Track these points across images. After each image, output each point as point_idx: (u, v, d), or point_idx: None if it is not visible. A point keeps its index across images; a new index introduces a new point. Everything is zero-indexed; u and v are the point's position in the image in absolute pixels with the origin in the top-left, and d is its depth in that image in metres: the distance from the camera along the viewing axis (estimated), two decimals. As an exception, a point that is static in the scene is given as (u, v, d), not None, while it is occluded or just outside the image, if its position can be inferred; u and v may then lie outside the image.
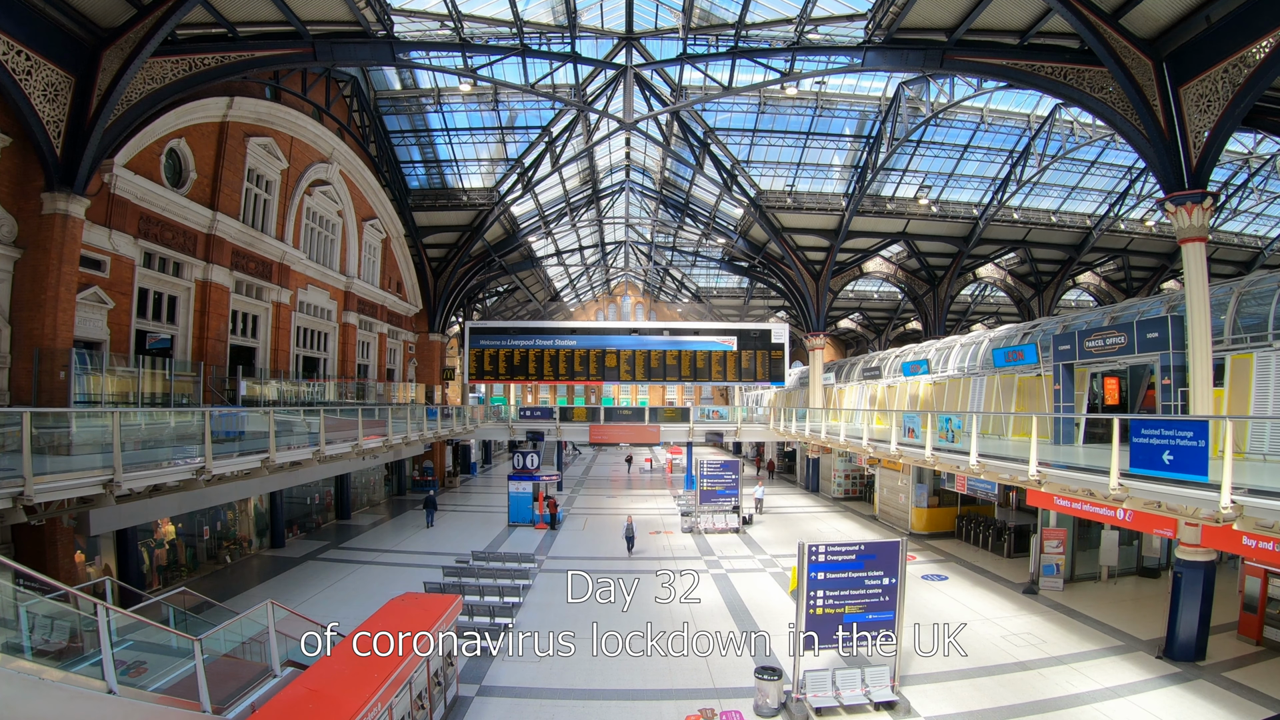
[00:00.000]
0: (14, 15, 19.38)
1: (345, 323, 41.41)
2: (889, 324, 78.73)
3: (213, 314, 28.59)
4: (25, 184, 21.09)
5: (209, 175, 28.96)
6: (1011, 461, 20.40)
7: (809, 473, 55.23)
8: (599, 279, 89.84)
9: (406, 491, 51.37)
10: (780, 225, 48.92)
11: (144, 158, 25.03)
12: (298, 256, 35.05)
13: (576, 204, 58.88)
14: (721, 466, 39.76)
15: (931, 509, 36.99)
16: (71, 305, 21.37)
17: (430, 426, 39.72)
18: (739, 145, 45.07)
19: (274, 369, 33.01)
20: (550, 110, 42.66)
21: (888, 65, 30.14)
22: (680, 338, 53.61)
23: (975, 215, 48.75)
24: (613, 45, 34.04)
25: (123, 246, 24.24)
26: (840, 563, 17.95)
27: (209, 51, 24.40)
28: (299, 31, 26.11)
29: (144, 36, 21.69)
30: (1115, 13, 22.38)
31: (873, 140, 42.19)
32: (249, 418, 23.80)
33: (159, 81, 23.07)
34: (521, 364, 52.19)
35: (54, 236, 20.79)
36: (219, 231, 28.89)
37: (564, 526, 39.45)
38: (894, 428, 28.65)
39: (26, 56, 19.91)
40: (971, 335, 40.70)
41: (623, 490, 57.14)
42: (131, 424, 19.36)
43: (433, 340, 54.41)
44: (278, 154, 33.43)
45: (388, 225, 46.94)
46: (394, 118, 43.18)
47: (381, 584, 26.72)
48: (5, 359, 20.61)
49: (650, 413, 54.48)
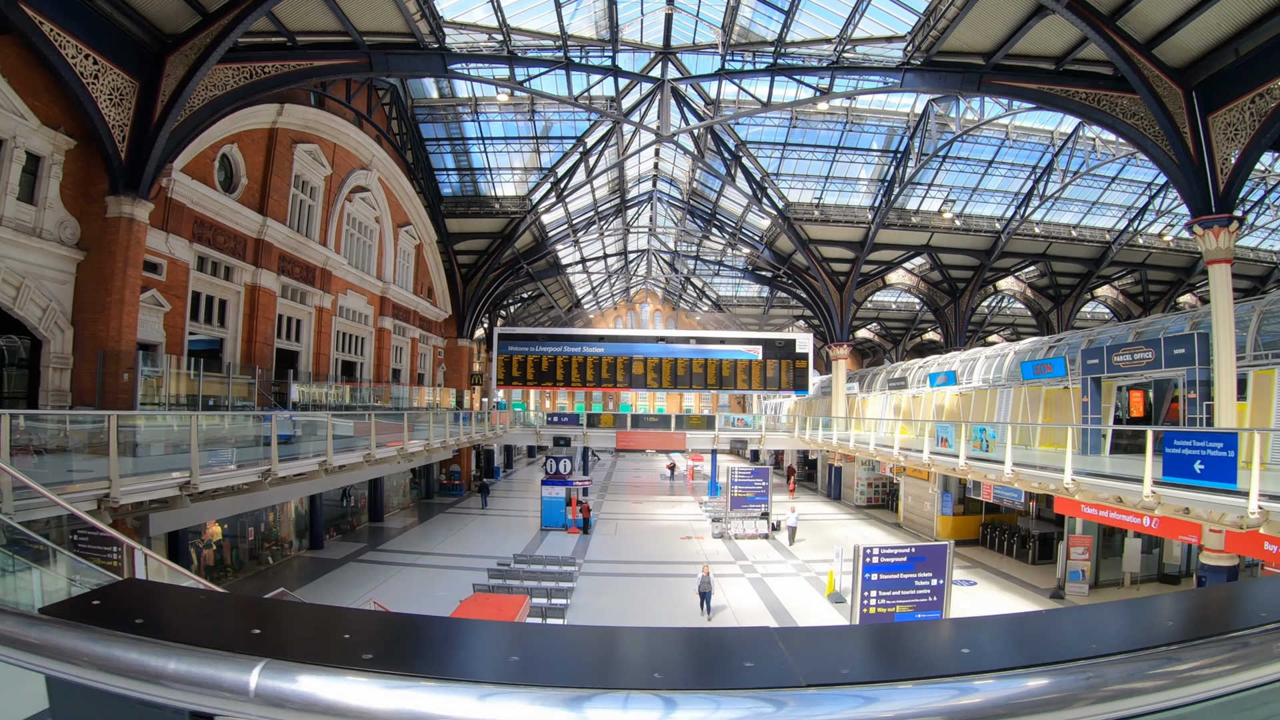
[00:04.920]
0: (82, 20, 19.81)
1: (381, 327, 41.86)
2: (906, 334, 78.72)
3: (261, 318, 29.04)
4: (89, 187, 21.49)
5: (258, 181, 29.45)
6: (1046, 471, 20.81)
7: (831, 480, 55.25)
8: (619, 286, 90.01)
9: (434, 495, 51.56)
10: (807, 237, 49.13)
11: (199, 163, 25.49)
12: (339, 262, 35.53)
13: (605, 213, 59.15)
14: (752, 474, 40.06)
15: (957, 517, 37.13)
16: (135, 308, 21.75)
17: (465, 431, 40.02)
18: (769, 158, 45.36)
19: (315, 372, 33.45)
20: (585, 121, 43.02)
21: (926, 87, 30.56)
22: (706, 346, 53.93)
23: (998, 229, 48.93)
24: (650, 59, 34.43)
25: (178, 250, 24.68)
26: (892, 564, 18.51)
27: (269, 60, 24.83)
28: (356, 42, 26.53)
29: (209, 44, 22.10)
30: (1148, 43, 22.90)
31: (900, 155, 42.42)
32: (297, 420, 24.18)
33: (221, 88, 23.47)
34: (550, 370, 52.50)
35: (119, 240, 21.16)
36: (268, 236, 29.36)
37: (595, 531, 39.66)
38: (926, 437, 28.97)
39: (94, 61, 20.34)
40: (996, 347, 40.90)
41: (647, 496, 57.19)
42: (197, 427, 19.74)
43: (461, 345, 54.68)
44: (322, 160, 33.93)
45: (421, 232, 47.37)
46: (429, 125, 43.58)
47: (427, 585, 27.10)
48: (68, 360, 20.99)
49: (676, 420, 54.63)
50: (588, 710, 1.20)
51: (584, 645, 1.84)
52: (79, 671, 1.32)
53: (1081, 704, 1.29)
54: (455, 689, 1.25)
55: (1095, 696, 1.31)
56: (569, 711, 1.20)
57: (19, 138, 19.43)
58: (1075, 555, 27.77)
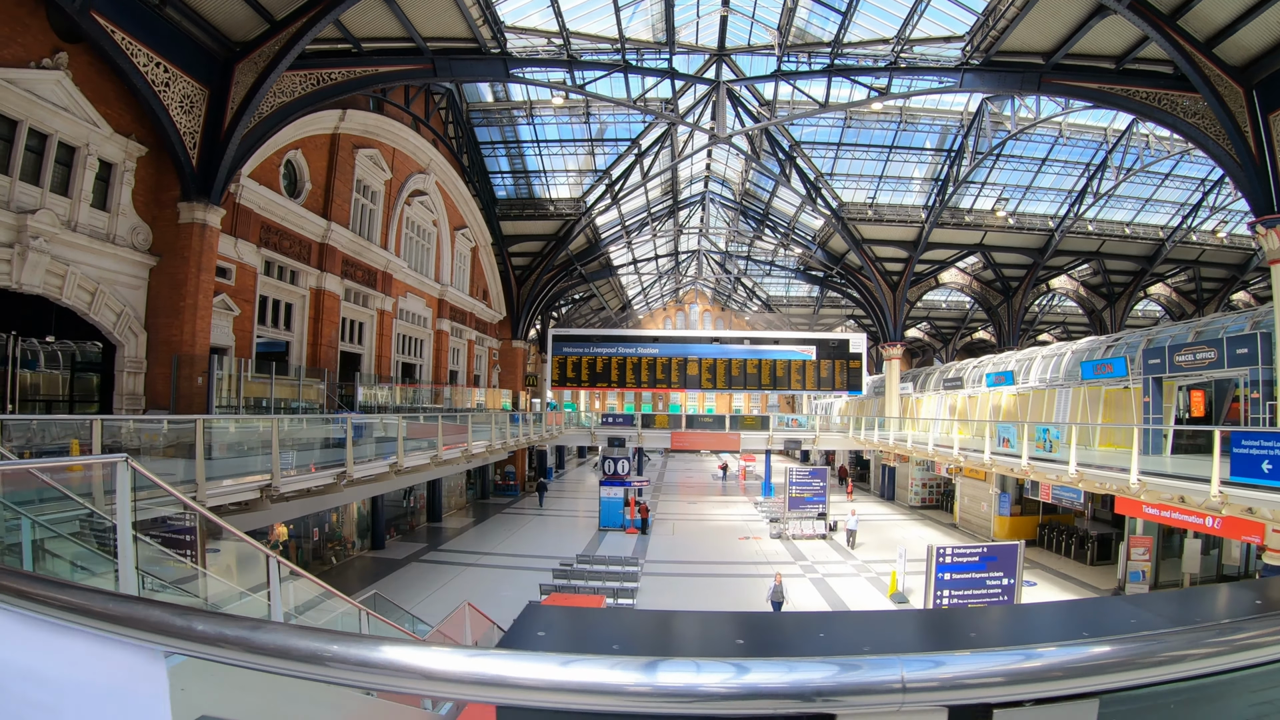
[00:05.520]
0: (153, 28, 20.15)
1: (439, 329, 42.22)
2: (956, 333, 77.92)
3: (325, 321, 29.40)
4: (160, 193, 21.85)
5: (321, 186, 29.83)
6: (1110, 471, 20.69)
7: (885, 481, 54.97)
8: (669, 287, 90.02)
9: (490, 495, 51.80)
10: (861, 236, 48.85)
11: (265, 168, 25.87)
12: (400, 265, 35.89)
13: (658, 214, 59.21)
14: (810, 474, 40.08)
15: (1014, 517, 36.74)
16: (209, 312, 22.11)
17: (524, 432, 40.28)
18: (823, 159, 45.19)
19: (378, 374, 33.78)
20: (640, 123, 43.06)
21: (985, 87, 30.34)
22: (760, 347, 53.72)
23: (1051, 227, 48.23)
24: (704, 60, 34.42)
25: (247, 255, 25.04)
26: (965, 564, 18.67)
27: (335, 66, 25.10)
28: (420, 48, 26.75)
29: (278, 51, 22.38)
30: (1208, 42, 22.64)
31: (954, 154, 42.11)
32: (362, 422, 24.41)
33: (289, 95, 23.78)
34: (604, 371, 52.59)
35: (192, 245, 21.51)
36: (332, 240, 29.74)
37: (652, 531, 39.69)
38: (988, 438, 28.78)
39: (165, 69, 20.67)
40: (1053, 347, 40.45)
41: (700, 496, 57.18)
42: (262, 428, 19.97)
43: (515, 347, 54.98)
44: (382, 165, 34.29)
45: (476, 234, 47.70)
46: (484, 129, 43.87)
47: (492, 585, 27.25)
48: (141, 364, 21.37)
49: (731, 420, 54.60)
50: (660, 674, 1.27)
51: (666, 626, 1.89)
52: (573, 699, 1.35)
53: (1137, 668, 1.36)
54: (539, 658, 1.32)
55: (1151, 660, 1.37)
56: (642, 674, 1.27)
57: (91, 145, 19.77)
58: (1136, 556, 27.46)
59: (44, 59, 18.24)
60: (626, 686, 1.29)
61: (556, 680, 1.30)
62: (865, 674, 1.32)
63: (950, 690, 1.34)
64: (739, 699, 1.30)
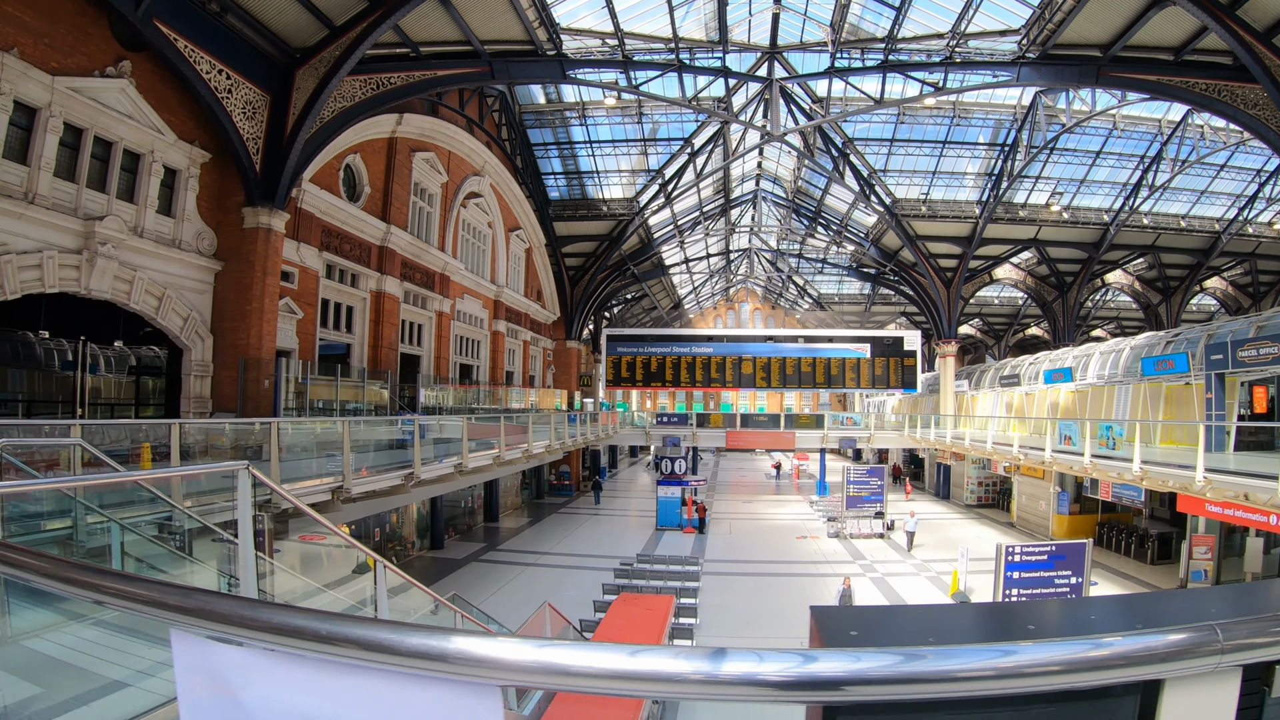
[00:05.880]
0: (215, 36, 20.42)
1: (495, 330, 42.56)
2: (1009, 330, 77.07)
3: (386, 323, 29.68)
4: (224, 199, 22.20)
5: (380, 189, 30.10)
6: (1174, 468, 20.51)
7: (940, 479, 54.32)
8: (720, 286, 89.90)
9: (545, 495, 51.97)
10: (914, 233, 48.41)
11: (325, 173, 26.14)
12: (457, 267, 36.18)
13: (710, 213, 59.12)
14: (868, 473, 39.75)
15: (1072, 516, 36.10)
16: (275, 316, 22.40)
17: (581, 431, 40.41)
18: (876, 155, 44.93)
19: (436, 375, 34.06)
20: (693, 122, 43.02)
21: (1042, 81, 30.08)
22: (815, 345, 53.57)
23: (1106, 221, 47.48)
24: (756, 58, 34.32)
25: (309, 259, 25.34)
26: (1033, 562, 18.86)
27: (394, 71, 25.31)
28: (477, 51, 26.89)
29: (338, 57, 22.60)
30: (1268, 31, 22.20)
31: (1008, 148, 41.66)
32: (427, 423, 24.58)
33: (349, 100, 24.02)
34: (659, 370, 52.68)
35: (257, 250, 21.82)
36: (391, 243, 30.03)
37: (709, 531, 39.58)
38: (1048, 435, 28.56)
39: (227, 75, 20.96)
40: (1110, 343, 39.86)
41: (754, 495, 56.93)
42: (328, 430, 20.16)
43: (570, 347, 55.32)
44: (438, 168, 34.55)
45: (530, 235, 47.96)
46: (537, 130, 44.06)
47: (555, 584, 27.32)
48: (208, 368, 21.68)
49: (786, 419, 54.42)
50: (726, 663, 1.27)
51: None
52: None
53: (1201, 655, 1.41)
54: (609, 648, 1.33)
55: (1214, 649, 1.41)
56: (709, 663, 1.28)
57: (156, 152, 20.09)
58: (1198, 555, 27.05)
59: (107, 67, 18.55)
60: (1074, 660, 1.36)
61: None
62: (1190, 638, 1.41)
63: (1248, 651, 1.45)
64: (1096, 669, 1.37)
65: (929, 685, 1.32)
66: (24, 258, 16.37)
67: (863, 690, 1.30)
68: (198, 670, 1.53)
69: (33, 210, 16.44)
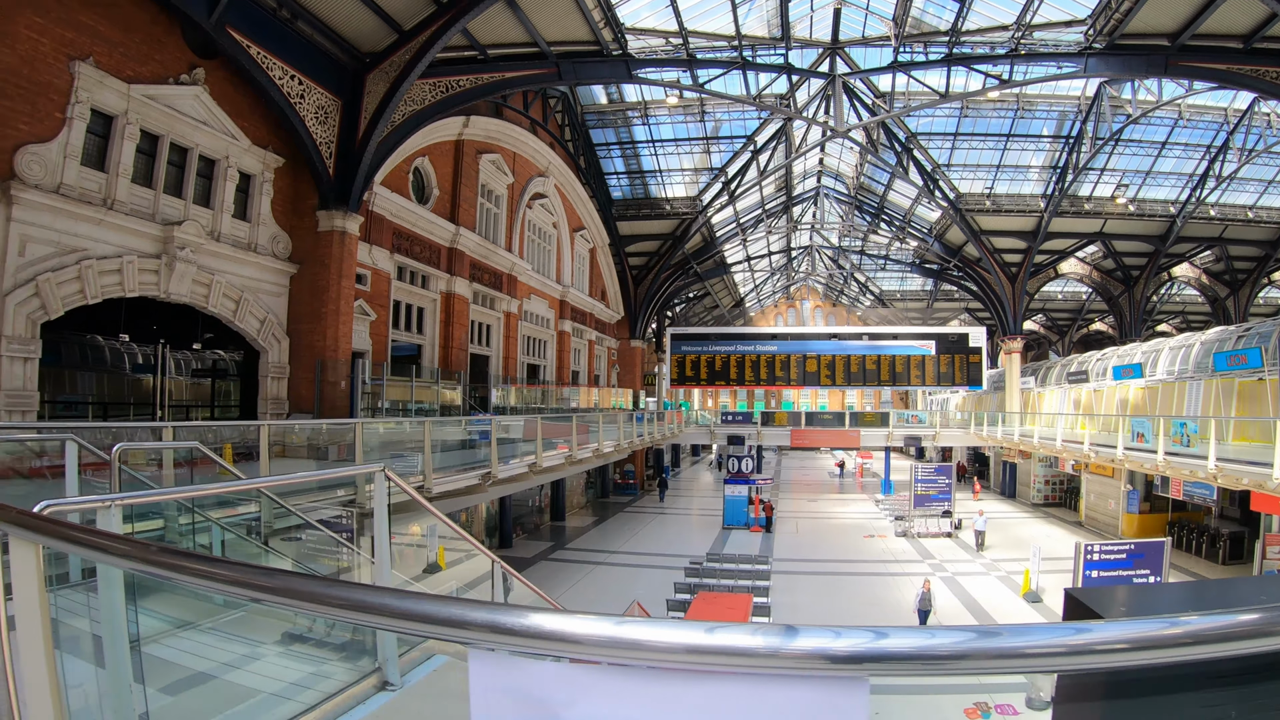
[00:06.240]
0: (286, 43, 20.71)
1: (561, 330, 42.85)
2: (1073, 325, 75.74)
3: (455, 324, 29.94)
4: (297, 202, 22.56)
5: (448, 191, 30.39)
6: (1250, 465, 20.17)
7: (1005, 477, 53.60)
8: (781, 283, 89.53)
9: (609, 494, 52.14)
10: (979, 228, 47.76)
11: (394, 176, 26.42)
12: (524, 267, 36.44)
13: (772, 210, 58.89)
14: (935, 471, 39.52)
15: (1142, 515, 35.42)
16: (350, 318, 22.69)
17: (647, 430, 40.48)
18: (939, 149, 44.48)
19: (505, 375, 34.30)
20: (755, 119, 42.88)
21: (1110, 71, 29.47)
22: (879, 342, 53.11)
23: (1172, 213, 46.39)
24: (818, 54, 34.10)
25: (381, 261, 25.61)
26: (1112, 561, 18.95)
27: (462, 74, 25.44)
28: (544, 52, 26.93)
29: (408, 61, 22.78)
30: (1341, 18, 21.61)
31: (1072, 140, 41.00)
32: (506, 423, 24.74)
33: (419, 103, 24.21)
34: (723, 369, 52.59)
35: (332, 252, 22.10)
36: (460, 245, 30.29)
37: (776, 530, 39.41)
38: (1120, 432, 28.13)
39: (299, 81, 21.24)
40: (1180, 338, 39.07)
41: (818, 494, 56.75)
42: (403, 430, 20.34)
43: (633, 346, 55.46)
44: (504, 169, 34.80)
45: (594, 235, 48.15)
46: (599, 131, 44.19)
47: (625, 584, 27.41)
48: (285, 370, 22.02)
49: (851, 417, 54.14)
50: (800, 639, 1.29)
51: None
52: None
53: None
54: (686, 625, 1.35)
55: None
56: (783, 639, 1.29)
57: (231, 157, 20.45)
58: (1272, 554, 26.56)
59: (181, 75, 18.92)
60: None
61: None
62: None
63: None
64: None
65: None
66: (104, 263, 16.74)
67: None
68: (506, 691, 1.50)
69: (112, 216, 16.82)
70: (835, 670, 1.31)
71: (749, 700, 1.38)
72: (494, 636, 1.43)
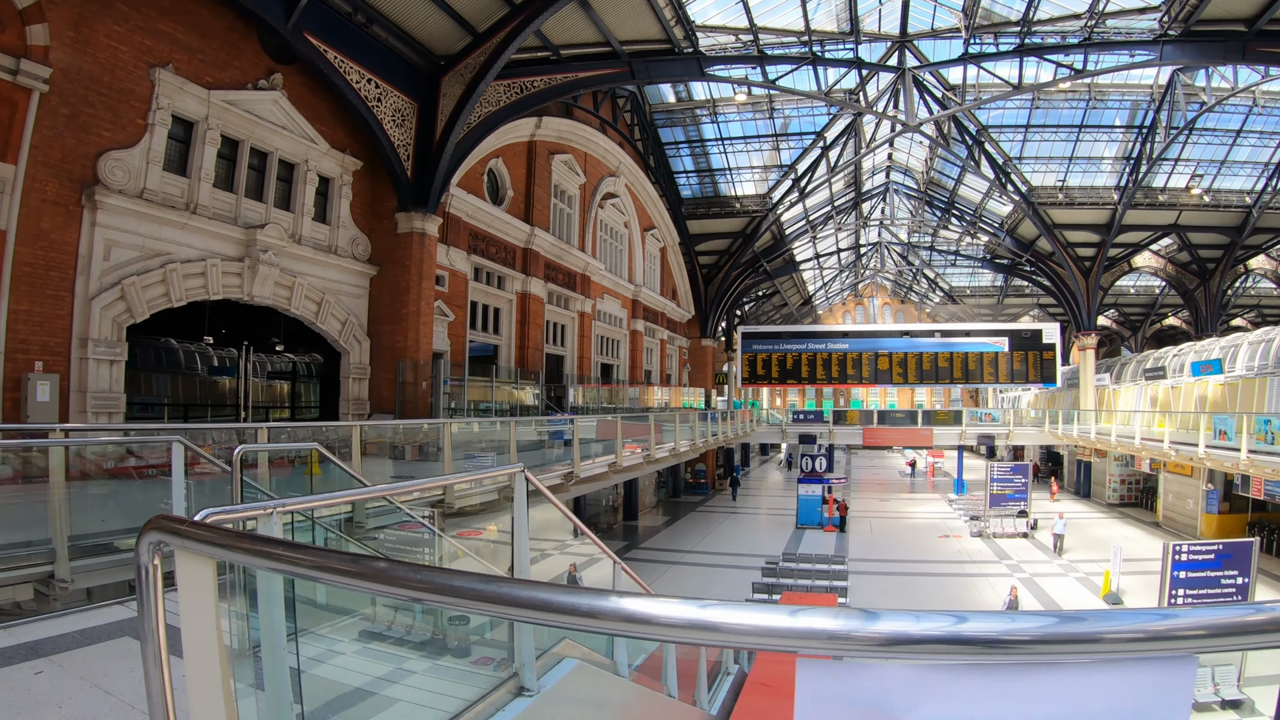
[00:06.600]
0: (362, 47, 20.92)
1: (633, 330, 42.91)
2: (1146, 320, 73.92)
3: (531, 324, 30.13)
4: (375, 205, 22.86)
5: (522, 192, 30.55)
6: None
7: (1080, 477, 52.56)
8: (849, 281, 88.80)
9: (680, 494, 51.92)
10: (1051, 221, 46.71)
11: (469, 177, 26.56)
12: (598, 267, 36.62)
13: (841, 207, 58.43)
14: (1011, 470, 38.92)
15: (1222, 515, 34.42)
16: (431, 319, 22.89)
17: (720, 430, 40.38)
18: (1010, 142, 43.71)
19: (579, 375, 34.38)
20: (824, 115, 42.52)
21: (1186, 59, 28.74)
22: (952, 339, 52.34)
23: (1249, 204, 44.86)
24: (887, 48, 33.70)
25: (458, 262, 25.79)
26: (1200, 562, 18.88)
27: (536, 74, 25.56)
28: (616, 51, 26.97)
29: (484, 63, 22.86)
30: None
31: (1145, 130, 40.01)
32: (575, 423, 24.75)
33: (494, 105, 24.33)
34: (794, 367, 52.25)
35: (412, 254, 22.31)
36: (535, 245, 30.49)
37: (850, 529, 39.00)
38: (1201, 430, 27.51)
39: (376, 85, 21.45)
40: (1259, 332, 38.02)
41: (890, 493, 56.26)
42: (485, 429, 20.41)
43: (704, 345, 55.36)
44: (576, 169, 34.93)
45: (665, 234, 48.13)
46: (667, 129, 44.10)
47: (701, 584, 27.37)
48: (366, 370, 22.26)
49: (923, 415, 53.49)
50: (883, 622, 1.28)
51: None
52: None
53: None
54: (773, 609, 1.35)
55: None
56: (865, 622, 1.28)
57: (310, 161, 20.80)
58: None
59: (259, 80, 19.30)
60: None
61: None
62: None
63: None
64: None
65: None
66: (188, 266, 17.11)
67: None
68: (836, 700, 1.42)
69: (195, 220, 17.18)
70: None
71: (1091, 686, 1.31)
72: (857, 647, 1.33)
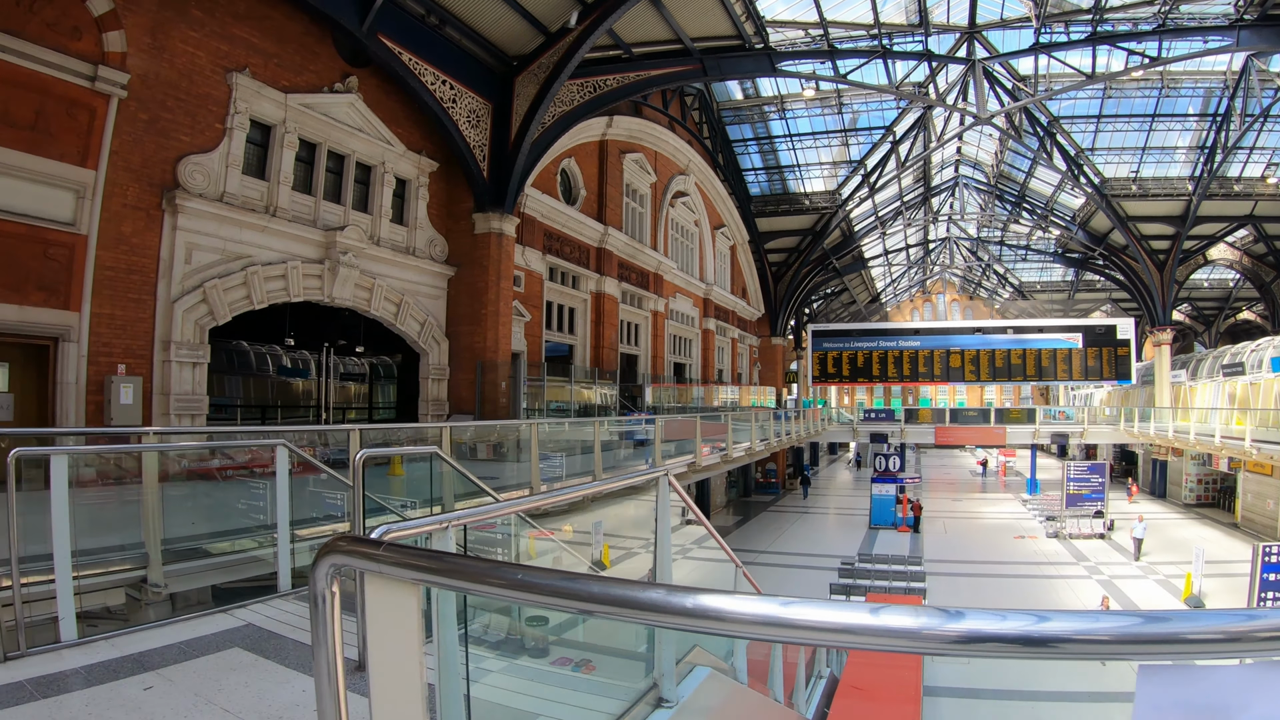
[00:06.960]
0: (435, 49, 20.99)
1: (705, 329, 42.84)
2: (1220, 315, 71.97)
3: (606, 324, 30.14)
4: (452, 206, 22.99)
5: (594, 192, 30.58)
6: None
7: (1155, 476, 51.25)
8: (917, 277, 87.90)
9: (751, 493, 51.57)
10: (1125, 214, 45.59)
11: (543, 178, 26.60)
12: (670, 266, 36.52)
13: (910, 202, 57.81)
14: (1088, 469, 38.18)
15: (1303, 514, 33.81)
16: (509, 319, 22.95)
17: (793, 429, 40.16)
18: (1082, 133, 42.78)
19: (653, 374, 34.33)
20: (893, 110, 42.06)
21: (1264, 44, 27.80)
22: (1024, 336, 51.50)
23: (1327, 192, 43.84)
24: (955, 39, 33.21)
25: (533, 262, 25.85)
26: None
27: (608, 73, 25.49)
28: (688, 49, 26.80)
29: (557, 62, 22.82)
30: None
31: (1220, 119, 38.86)
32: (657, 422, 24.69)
33: (568, 104, 24.32)
34: (865, 365, 51.85)
35: (490, 254, 22.38)
36: (608, 245, 30.50)
37: (924, 530, 38.54)
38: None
39: (450, 86, 21.51)
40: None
41: (961, 493, 55.65)
42: (560, 433, 20.40)
43: (774, 344, 55.06)
44: (647, 168, 34.91)
45: (734, 233, 47.94)
46: (735, 127, 43.99)
47: (777, 585, 27.04)
48: (445, 371, 22.36)
49: (996, 414, 52.63)
50: (966, 620, 1.27)
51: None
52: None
53: None
54: (853, 607, 1.36)
55: None
56: (945, 620, 1.28)
57: (387, 163, 20.99)
58: None
59: (335, 84, 19.49)
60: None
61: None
62: None
63: None
64: None
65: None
66: (269, 269, 17.33)
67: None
68: (1175, 705, 1.30)
69: (274, 223, 17.40)
70: None
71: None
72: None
